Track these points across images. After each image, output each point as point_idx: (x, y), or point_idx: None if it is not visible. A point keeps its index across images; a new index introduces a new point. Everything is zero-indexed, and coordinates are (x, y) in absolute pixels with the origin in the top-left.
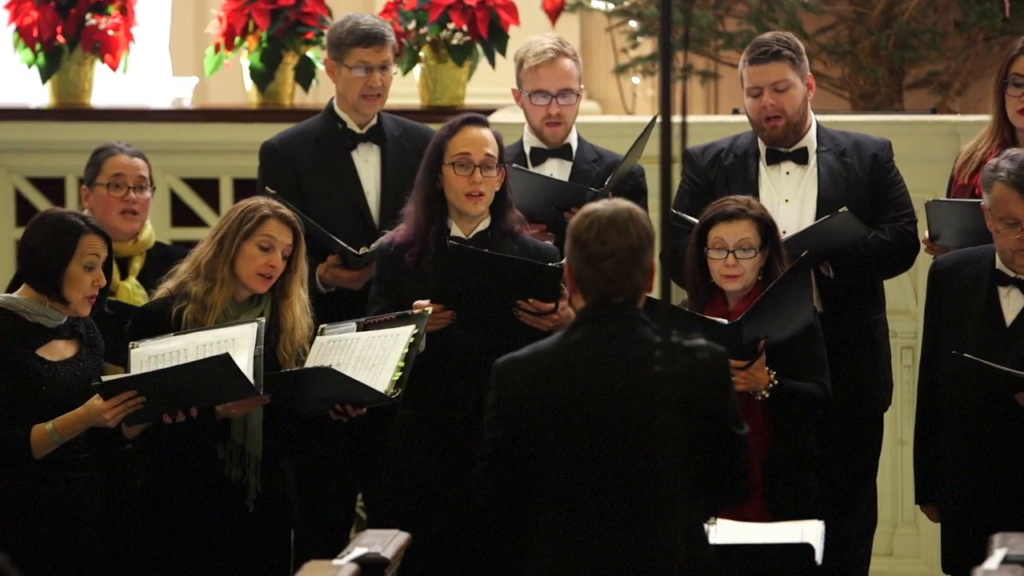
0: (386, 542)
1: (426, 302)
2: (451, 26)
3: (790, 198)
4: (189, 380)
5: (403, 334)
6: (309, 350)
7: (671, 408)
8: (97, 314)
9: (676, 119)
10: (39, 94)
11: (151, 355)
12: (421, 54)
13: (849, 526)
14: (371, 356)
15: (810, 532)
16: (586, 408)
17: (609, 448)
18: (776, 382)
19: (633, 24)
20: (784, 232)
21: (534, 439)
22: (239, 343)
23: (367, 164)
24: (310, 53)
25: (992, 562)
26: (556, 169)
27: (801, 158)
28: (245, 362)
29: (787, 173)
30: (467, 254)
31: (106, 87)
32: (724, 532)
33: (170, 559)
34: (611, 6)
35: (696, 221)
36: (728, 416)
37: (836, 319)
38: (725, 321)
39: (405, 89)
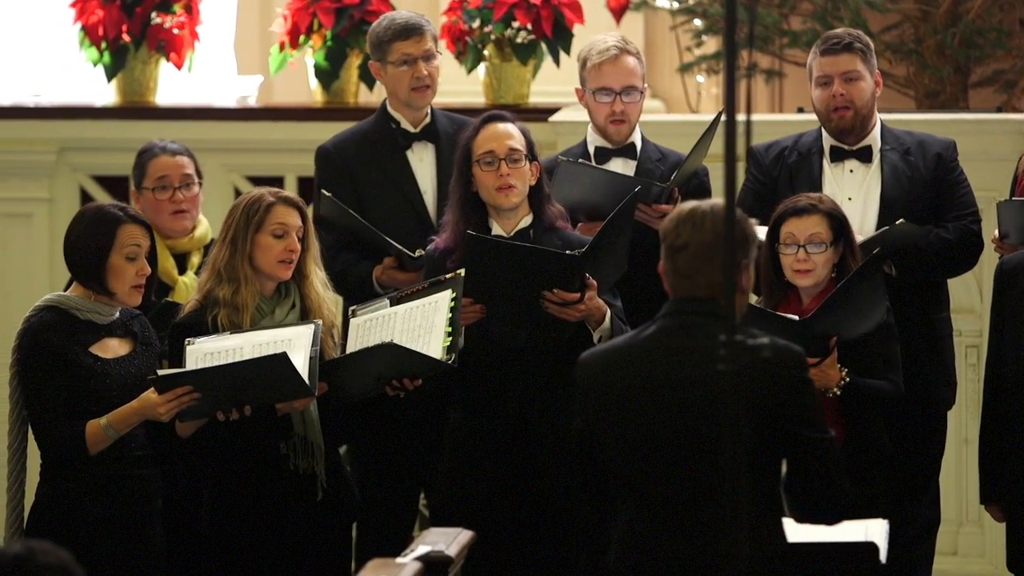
0: (450, 540)
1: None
2: (516, 24)
3: (853, 196)
4: (245, 377)
5: (442, 300)
6: (339, 323)
7: (734, 406)
8: (145, 304)
9: (741, 117)
10: (104, 93)
11: (207, 352)
12: (485, 52)
13: (912, 524)
14: (414, 327)
15: (874, 531)
16: (654, 400)
17: (676, 440)
18: (848, 379)
19: (698, 23)
20: None
21: (607, 430)
22: (295, 344)
23: (422, 163)
24: None
25: None
26: (620, 168)
27: (865, 156)
28: (301, 362)
29: (851, 171)
30: (485, 244)
31: (171, 86)
32: (788, 530)
33: (239, 557)
34: (676, 4)
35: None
36: (803, 420)
37: (900, 317)
38: (796, 317)
39: (469, 88)
